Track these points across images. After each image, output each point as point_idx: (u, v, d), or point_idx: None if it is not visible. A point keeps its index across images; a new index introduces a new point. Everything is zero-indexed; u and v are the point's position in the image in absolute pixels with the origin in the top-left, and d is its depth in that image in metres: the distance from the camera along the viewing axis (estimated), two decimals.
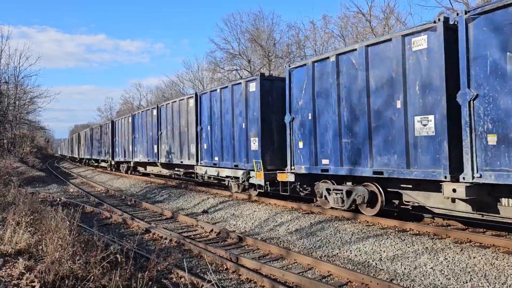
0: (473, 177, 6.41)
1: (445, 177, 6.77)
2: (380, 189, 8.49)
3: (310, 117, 9.76)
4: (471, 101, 6.41)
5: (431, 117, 7.04)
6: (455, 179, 6.68)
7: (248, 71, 36.56)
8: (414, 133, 7.33)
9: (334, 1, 71.29)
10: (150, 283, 4.83)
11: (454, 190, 6.58)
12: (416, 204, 8.04)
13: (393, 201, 8.72)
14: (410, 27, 8.67)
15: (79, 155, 43.49)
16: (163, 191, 15.96)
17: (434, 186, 7.27)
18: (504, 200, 6.54)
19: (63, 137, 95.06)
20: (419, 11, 51.04)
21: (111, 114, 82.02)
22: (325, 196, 9.75)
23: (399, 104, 7.60)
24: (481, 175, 6.33)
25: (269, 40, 36.56)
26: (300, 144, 10.07)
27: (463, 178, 6.54)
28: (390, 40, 7.81)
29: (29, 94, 37.25)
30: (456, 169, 6.74)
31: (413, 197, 7.92)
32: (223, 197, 12.91)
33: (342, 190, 9.19)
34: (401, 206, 8.58)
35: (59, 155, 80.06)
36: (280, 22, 50.74)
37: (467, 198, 6.47)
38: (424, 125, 7.14)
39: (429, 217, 8.70)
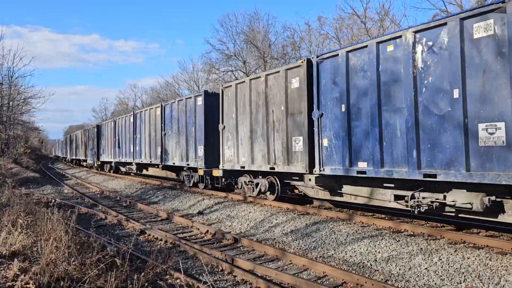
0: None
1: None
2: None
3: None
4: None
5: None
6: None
7: (243, 72, 36.59)
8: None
9: (330, 3, 71.51)
10: (146, 284, 4.83)
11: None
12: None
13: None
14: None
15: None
16: (158, 192, 15.94)
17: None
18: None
19: (57, 138, 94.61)
20: (414, 13, 51.40)
21: (106, 115, 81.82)
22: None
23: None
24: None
25: (265, 41, 36.64)
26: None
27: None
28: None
29: (23, 94, 37.07)
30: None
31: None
32: (218, 198, 12.91)
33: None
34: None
35: (54, 156, 79.67)
36: (275, 23, 50.85)
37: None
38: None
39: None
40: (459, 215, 7.13)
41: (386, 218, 9.08)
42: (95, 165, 30.94)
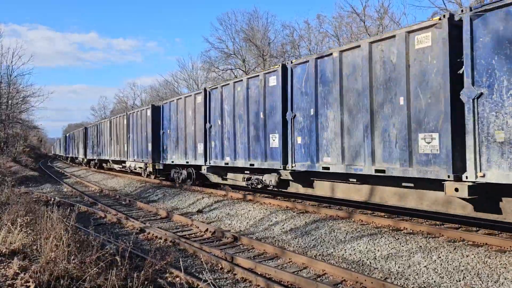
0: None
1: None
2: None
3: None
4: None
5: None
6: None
7: (243, 70, 36.57)
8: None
9: (329, 1, 71.43)
10: (145, 282, 4.84)
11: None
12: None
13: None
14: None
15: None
16: (157, 191, 15.94)
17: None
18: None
19: (56, 136, 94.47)
20: (413, 11, 51.38)
21: (105, 113, 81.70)
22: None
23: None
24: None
25: (264, 39, 36.60)
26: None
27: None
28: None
29: (22, 93, 37.06)
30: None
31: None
32: (218, 197, 12.92)
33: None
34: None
35: (53, 154, 79.60)
36: (275, 21, 50.85)
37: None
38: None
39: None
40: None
41: (386, 216, 9.10)
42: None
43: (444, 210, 7.20)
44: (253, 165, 11.39)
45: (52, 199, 14.61)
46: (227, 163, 12.62)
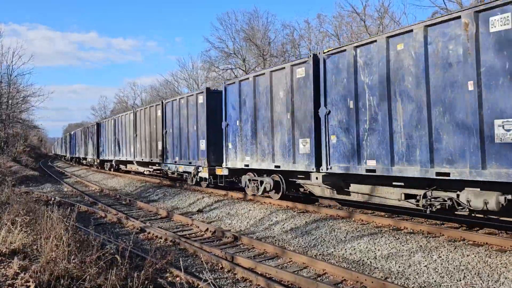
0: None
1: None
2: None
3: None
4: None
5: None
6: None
7: (243, 70, 36.55)
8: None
9: (329, 0, 71.37)
10: (146, 282, 4.83)
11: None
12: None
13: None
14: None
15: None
16: (158, 190, 15.94)
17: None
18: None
19: (57, 136, 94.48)
20: (413, 11, 51.33)
21: (105, 113, 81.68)
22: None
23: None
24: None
25: (264, 39, 36.57)
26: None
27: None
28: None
29: (22, 93, 37.04)
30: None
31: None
32: (218, 196, 12.91)
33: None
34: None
35: (53, 154, 79.61)
36: (275, 21, 50.86)
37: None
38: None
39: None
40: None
41: (386, 216, 9.09)
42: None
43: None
44: None
45: (52, 198, 14.61)
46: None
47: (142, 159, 20.11)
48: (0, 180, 14.46)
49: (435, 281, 5.62)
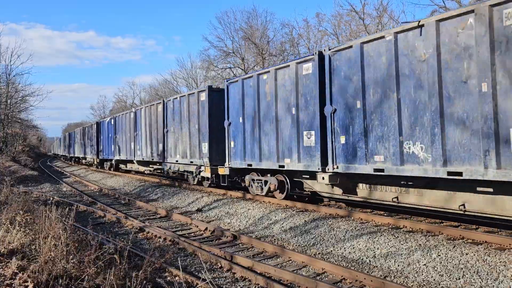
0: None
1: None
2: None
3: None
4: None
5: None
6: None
7: (242, 69, 36.52)
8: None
9: None
10: (144, 281, 4.82)
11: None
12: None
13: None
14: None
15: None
16: (157, 190, 15.92)
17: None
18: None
19: (56, 136, 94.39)
20: (412, 9, 51.30)
21: (104, 112, 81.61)
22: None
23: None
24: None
25: (263, 38, 36.53)
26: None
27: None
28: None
29: (21, 92, 37.03)
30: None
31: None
32: (217, 196, 12.90)
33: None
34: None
35: (52, 154, 79.54)
36: (274, 20, 50.92)
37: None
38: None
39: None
40: None
41: (385, 214, 9.09)
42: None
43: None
44: None
45: (51, 198, 14.59)
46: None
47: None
48: None
49: (434, 279, 5.62)
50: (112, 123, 25.38)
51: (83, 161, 36.04)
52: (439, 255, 6.18)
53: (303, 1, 75.71)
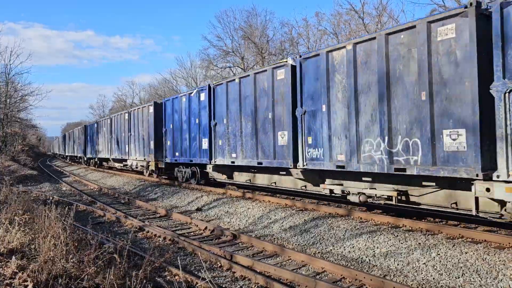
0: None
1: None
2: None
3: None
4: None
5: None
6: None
7: (241, 68, 36.50)
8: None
9: None
10: (144, 281, 4.82)
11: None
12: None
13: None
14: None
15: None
16: (156, 189, 15.92)
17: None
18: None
19: (55, 135, 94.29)
20: (412, 8, 51.33)
21: (103, 112, 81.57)
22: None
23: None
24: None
25: (263, 37, 36.51)
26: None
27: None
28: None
29: (20, 92, 37.00)
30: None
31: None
32: (217, 195, 12.90)
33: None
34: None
35: (52, 153, 79.49)
36: (273, 19, 50.88)
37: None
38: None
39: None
40: None
41: (385, 213, 9.09)
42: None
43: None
44: None
45: (51, 198, 14.58)
46: None
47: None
48: None
49: (433, 278, 5.62)
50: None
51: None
52: (439, 254, 6.18)
53: (303, 0, 75.69)
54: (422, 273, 5.80)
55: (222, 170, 13.68)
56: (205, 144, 13.78)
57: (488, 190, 6.09)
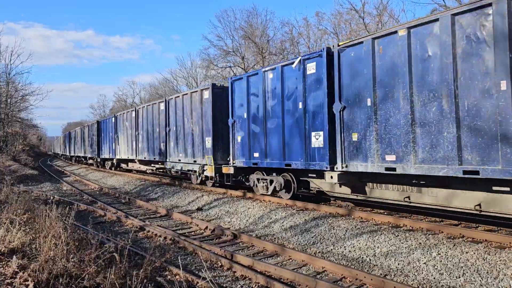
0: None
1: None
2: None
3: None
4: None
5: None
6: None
7: (242, 68, 36.49)
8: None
9: None
10: (145, 280, 4.82)
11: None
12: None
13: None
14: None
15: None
16: (157, 189, 15.92)
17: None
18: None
19: (56, 135, 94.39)
20: (412, 8, 51.24)
21: (104, 112, 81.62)
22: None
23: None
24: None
25: (263, 37, 36.50)
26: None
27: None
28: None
29: (20, 91, 37.03)
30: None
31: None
32: (217, 195, 12.90)
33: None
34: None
35: (52, 153, 79.56)
36: (273, 18, 50.84)
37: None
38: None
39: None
40: None
41: (385, 213, 9.09)
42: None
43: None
44: None
45: (52, 197, 14.59)
46: None
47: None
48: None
49: (434, 278, 5.62)
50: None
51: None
52: (439, 254, 6.18)
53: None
54: (422, 273, 5.80)
55: (352, 180, 9.17)
56: (317, 141, 9.42)
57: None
